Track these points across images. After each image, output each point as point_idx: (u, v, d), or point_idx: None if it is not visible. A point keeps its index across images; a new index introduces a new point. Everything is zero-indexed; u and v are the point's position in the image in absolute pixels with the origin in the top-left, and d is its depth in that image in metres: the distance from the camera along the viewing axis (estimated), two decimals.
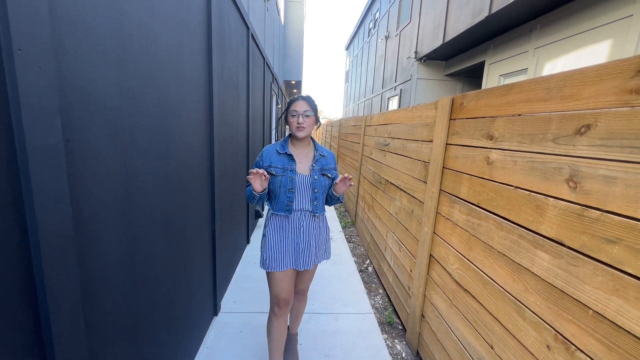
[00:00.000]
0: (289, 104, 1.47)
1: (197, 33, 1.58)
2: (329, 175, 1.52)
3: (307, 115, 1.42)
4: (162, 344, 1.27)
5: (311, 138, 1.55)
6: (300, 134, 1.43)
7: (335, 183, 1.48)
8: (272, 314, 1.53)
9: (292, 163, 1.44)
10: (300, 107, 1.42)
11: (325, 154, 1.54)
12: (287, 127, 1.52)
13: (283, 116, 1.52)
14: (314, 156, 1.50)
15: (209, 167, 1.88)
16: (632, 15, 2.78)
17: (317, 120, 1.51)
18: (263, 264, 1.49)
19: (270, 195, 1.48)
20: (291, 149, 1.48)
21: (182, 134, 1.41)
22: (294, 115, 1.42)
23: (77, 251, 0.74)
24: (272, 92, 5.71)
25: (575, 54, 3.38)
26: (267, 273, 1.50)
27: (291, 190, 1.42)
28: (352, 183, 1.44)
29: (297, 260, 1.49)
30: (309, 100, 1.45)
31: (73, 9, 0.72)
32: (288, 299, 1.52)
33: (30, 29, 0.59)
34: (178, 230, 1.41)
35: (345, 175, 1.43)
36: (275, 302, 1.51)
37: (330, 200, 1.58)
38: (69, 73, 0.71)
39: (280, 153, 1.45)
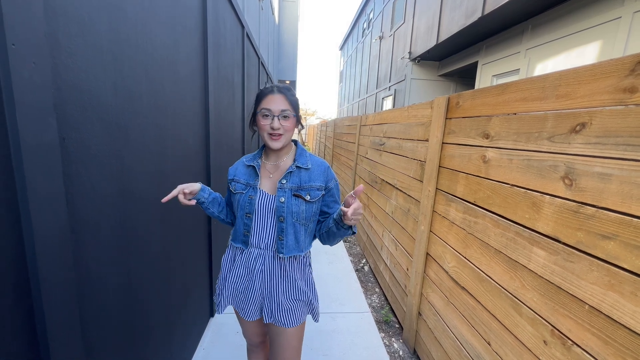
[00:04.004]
0: (259, 99, 1.03)
1: (193, 31, 1.56)
2: (307, 197, 1.03)
3: (285, 117, 0.99)
4: (158, 345, 1.25)
5: (294, 142, 1.15)
6: (276, 145, 1.01)
7: (343, 211, 0.91)
8: (249, 348, 1.31)
9: (257, 178, 1.07)
10: (275, 104, 0.98)
11: (310, 166, 1.07)
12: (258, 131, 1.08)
13: (251, 116, 1.09)
14: (288, 168, 1.06)
15: (205, 166, 1.86)
16: (620, 17, 2.84)
17: (298, 121, 1.07)
18: (216, 297, 1.18)
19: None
20: (263, 160, 1.11)
21: (178, 132, 1.39)
22: (267, 116, 0.99)
23: (72, 251, 0.73)
24: None
25: (566, 54, 3.45)
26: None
27: (249, 215, 1.04)
28: (360, 211, 0.91)
29: (252, 309, 1.10)
30: (287, 93, 1.02)
31: (68, 5, 0.71)
32: (263, 341, 1.27)
33: (25, 23, 0.58)
34: (174, 230, 1.39)
35: (352, 194, 0.89)
36: (249, 343, 1.29)
37: (337, 232, 1.02)
38: (64, 70, 0.70)
39: (247, 165, 1.10)
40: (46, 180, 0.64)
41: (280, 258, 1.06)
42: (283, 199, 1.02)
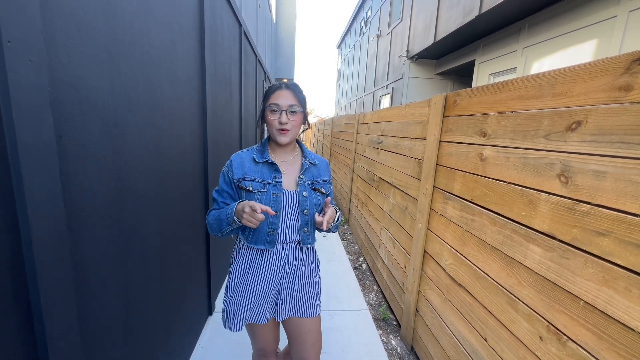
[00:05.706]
0: (267, 95, 1.05)
1: (190, 30, 1.55)
2: (323, 190, 1.13)
3: (292, 112, 1.02)
4: (156, 343, 1.25)
5: (297, 141, 1.16)
6: (284, 140, 1.04)
7: (324, 213, 1.01)
8: (257, 358, 1.27)
9: (277, 175, 1.05)
10: (283, 99, 1.01)
11: (317, 162, 1.15)
12: (265, 127, 1.11)
13: (260, 112, 1.11)
14: (302, 165, 1.11)
15: (203, 164, 1.86)
16: (616, 16, 2.86)
17: (305, 118, 1.09)
18: (224, 317, 1.13)
19: None
20: (272, 157, 1.09)
21: (175, 131, 1.39)
22: (275, 111, 1.02)
23: (70, 250, 0.73)
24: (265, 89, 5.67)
25: (562, 53, 3.47)
26: None
27: (276, 213, 1.03)
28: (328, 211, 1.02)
29: (266, 310, 1.10)
30: (295, 89, 1.04)
31: (64, 2, 0.70)
32: (275, 346, 1.24)
33: (21, 20, 0.57)
34: (172, 228, 1.39)
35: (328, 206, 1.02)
36: (260, 354, 1.24)
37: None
38: (61, 67, 0.69)
39: (257, 162, 1.06)
40: (43, 178, 0.63)
41: (302, 249, 1.13)
42: (306, 193, 1.08)
